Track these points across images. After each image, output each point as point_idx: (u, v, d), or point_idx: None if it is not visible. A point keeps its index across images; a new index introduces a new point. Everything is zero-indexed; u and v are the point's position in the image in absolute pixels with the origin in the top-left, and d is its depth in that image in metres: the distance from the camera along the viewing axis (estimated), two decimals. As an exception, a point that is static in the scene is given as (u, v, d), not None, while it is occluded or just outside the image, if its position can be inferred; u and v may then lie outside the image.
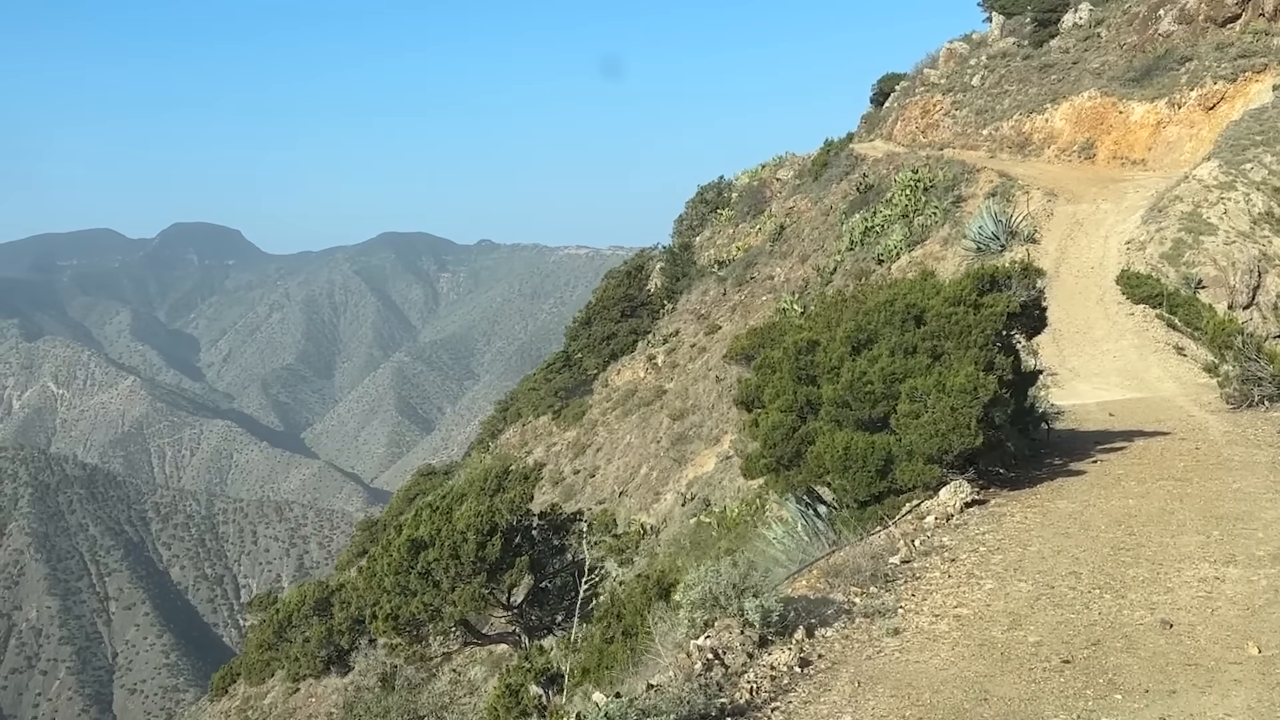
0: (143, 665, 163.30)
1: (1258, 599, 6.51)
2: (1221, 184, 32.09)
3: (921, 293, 11.13)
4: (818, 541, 10.46)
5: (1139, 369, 22.47)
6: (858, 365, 10.57)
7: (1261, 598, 6.51)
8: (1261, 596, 6.52)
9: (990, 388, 9.82)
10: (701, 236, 69.47)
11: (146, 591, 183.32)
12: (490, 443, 63.14)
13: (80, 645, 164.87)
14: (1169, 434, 13.93)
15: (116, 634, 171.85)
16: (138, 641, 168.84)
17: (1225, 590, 6.73)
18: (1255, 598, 6.55)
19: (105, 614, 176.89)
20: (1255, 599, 6.52)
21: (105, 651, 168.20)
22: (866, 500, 10.21)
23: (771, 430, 10.75)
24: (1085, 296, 28.99)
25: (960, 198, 41.28)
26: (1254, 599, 6.51)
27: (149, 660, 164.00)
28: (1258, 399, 16.00)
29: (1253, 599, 6.51)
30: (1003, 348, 11.62)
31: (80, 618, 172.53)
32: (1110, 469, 11.44)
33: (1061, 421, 16.69)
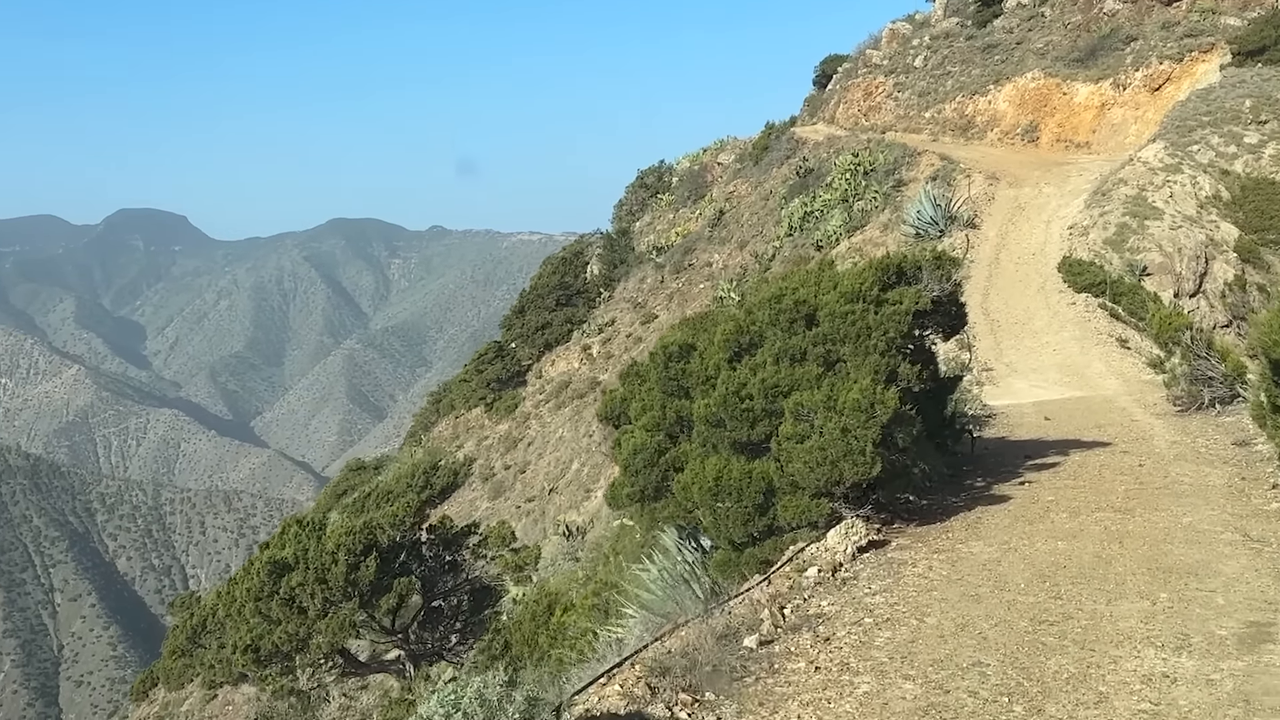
0: (89, 657, 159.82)
1: (1222, 716, 4.71)
2: (1167, 166, 30.70)
3: (816, 286, 9.27)
4: (690, 592, 8.59)
5: (1080, 364, 20.87)
6: (736, 376, 8.70)
7: (1228, 714, 4.71)
8: (1228, 712, 4.72)
9: (890, 404, 7.99)
10: (641, 222, 67.61)
11: (93, 583, 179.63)
12: (422, 436, 60.90)
13: (25, 638, 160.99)
14: (1109, 445, 12.22)
15: (62, 626, 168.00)
16: (84, 633, 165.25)
17: (1178, 699, 4.92)
18: (1219, 713, 4.74)
19: (51, 606, 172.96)
20: (1219, 716, 4.71)
21: (51, 644, 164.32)
22: (743, 541, 8.35)
23: (633, 454, 8.87)
24: (1026, 285, 27.44)
25: (901, 181, 39.83)
26: (1218, 716, 4.71)
27: (95, 652, 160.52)
28: (1207, 401, 14.38)
29: (1216, 716, 4.71)
30: (914, 352, 9.81)
31: (25, 610, 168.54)
32: (1039, 494, 9.68)
33: (993, 427, 14.98)
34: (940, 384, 10.95)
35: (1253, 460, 10.49)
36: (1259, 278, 27.92)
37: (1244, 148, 31.90)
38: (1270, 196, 30.19)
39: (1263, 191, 30.31)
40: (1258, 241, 29.01)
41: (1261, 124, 32.35)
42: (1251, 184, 30.56)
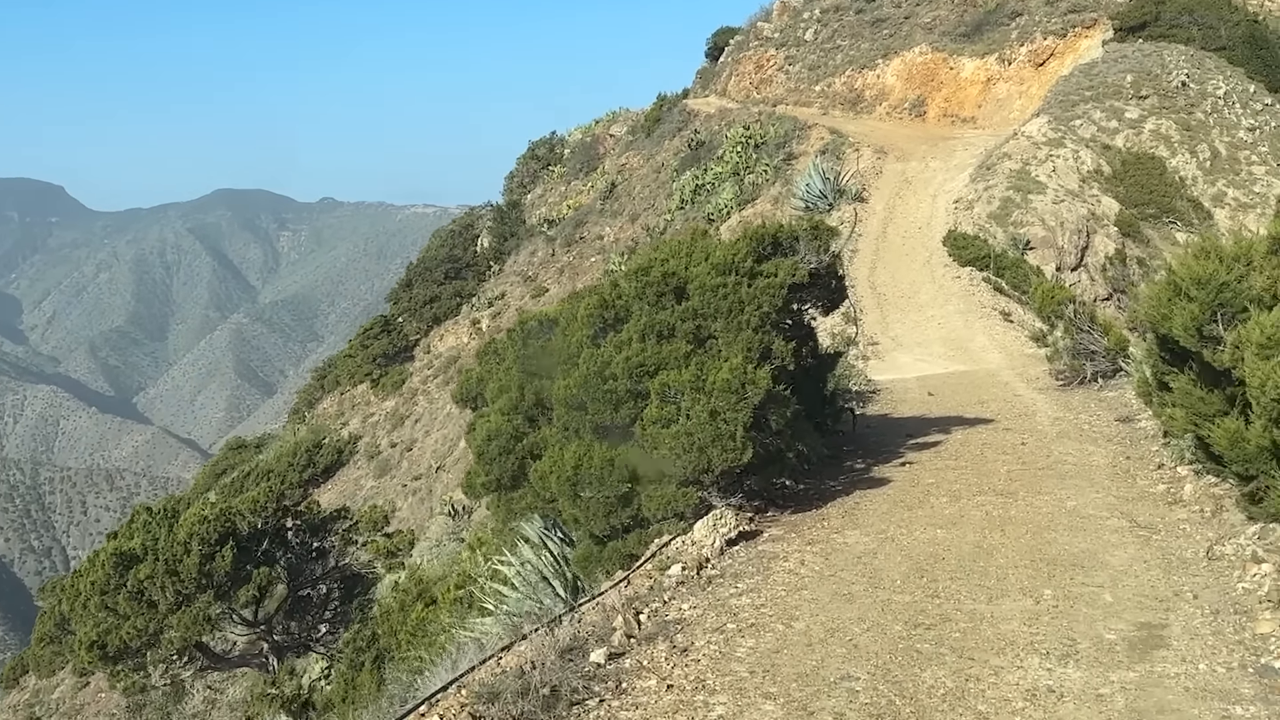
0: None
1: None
2: (1051, 141, 30.91)
3: (687, 258, 8.60)
4: (551, 590, 7.90)
5: (964, 337, 20.73)
6: (599, 354, 7.99)
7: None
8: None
9: (763, 384, 7.37)
10: (532, 194, 66.47)
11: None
12: (306, 413, 59.01)
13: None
14: (991, 422, 11.88)
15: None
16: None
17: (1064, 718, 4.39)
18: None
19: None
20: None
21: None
22: (606, 535, 7.67)
23: (487, 440, 8.11)
24: (912, 258, 27.35)
25: (792, 155, 39.62)
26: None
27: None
28: (1089, 375, 14.20)
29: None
30: (791, 327, 9.24)
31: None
32: (920, 476, 9.21)
33: (876, 403, 14.60)
34: (820, 361, 10.42)
35: (1136, 438, 10.20)
36: (1138, 251, 28.30)
37: (1125, 122, 32.32)
38: (1150, 171, 30.64)
39: (1143, 166, 30.75)
40: (1137, 216, 29.42)
41: (1142, 99, 32.82)
42: (1132, 158, 30.97)
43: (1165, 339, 7.68)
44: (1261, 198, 31.54)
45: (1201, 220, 30.82)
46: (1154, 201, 30.21)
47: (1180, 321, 6.62)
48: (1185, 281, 6.72)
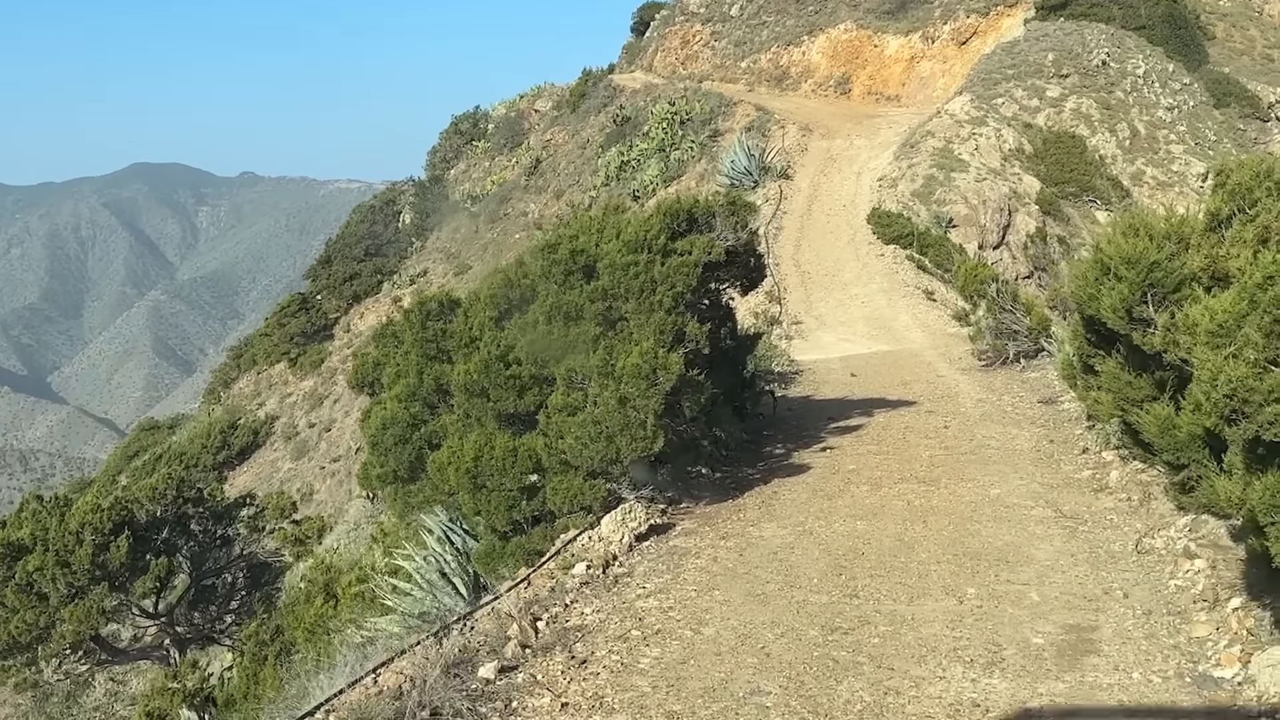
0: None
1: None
2: (973, 119, 30.91)
3: (597, 234, 8.11)
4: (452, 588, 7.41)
5: (887, 316, 20.55)
6: (503, 337, 7.48)
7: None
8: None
9: (675, 369, 6.94)
10: (456, 170, 65.29)
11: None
12: (222, 393, 57.42)
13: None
14: (914, 405, 11.61)
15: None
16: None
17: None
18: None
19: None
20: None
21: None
22: (509, 530, 7.19)
23: (382, 429, 7.56)
24: (837, 236, 27.14)
25: (717, 131, 39.27)
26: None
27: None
28: (1012, 355, 14.02)
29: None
30: (708, 308, 8.82)
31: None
32: (841, 462, 8.87)
33: (798, 384, 14.28)
34: (739, 343, 10.02)
35: (1060, 420, 9.98)
36: (1059, 230, 28.44)
37: (1046, 101, 32.46)
38: (1070, 149, 30.81)
39: (1063, 144, 30.91)
40: (1058, 194, 29.56)
41: (1063, 78, 32.98)
42: (1053, 137, 31.11)
43: (1092, 320, 7.39)
44: (1179, 176, 31.93)
45: (1120, 199, 31.08)
46: (1074, 180, 30.39)
47: (1109, 302, 6.31)
48: (1114, 260, 6.40)
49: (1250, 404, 3.61)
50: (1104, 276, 6.66)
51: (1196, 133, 34.02)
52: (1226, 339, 3.64)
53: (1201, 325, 3.79)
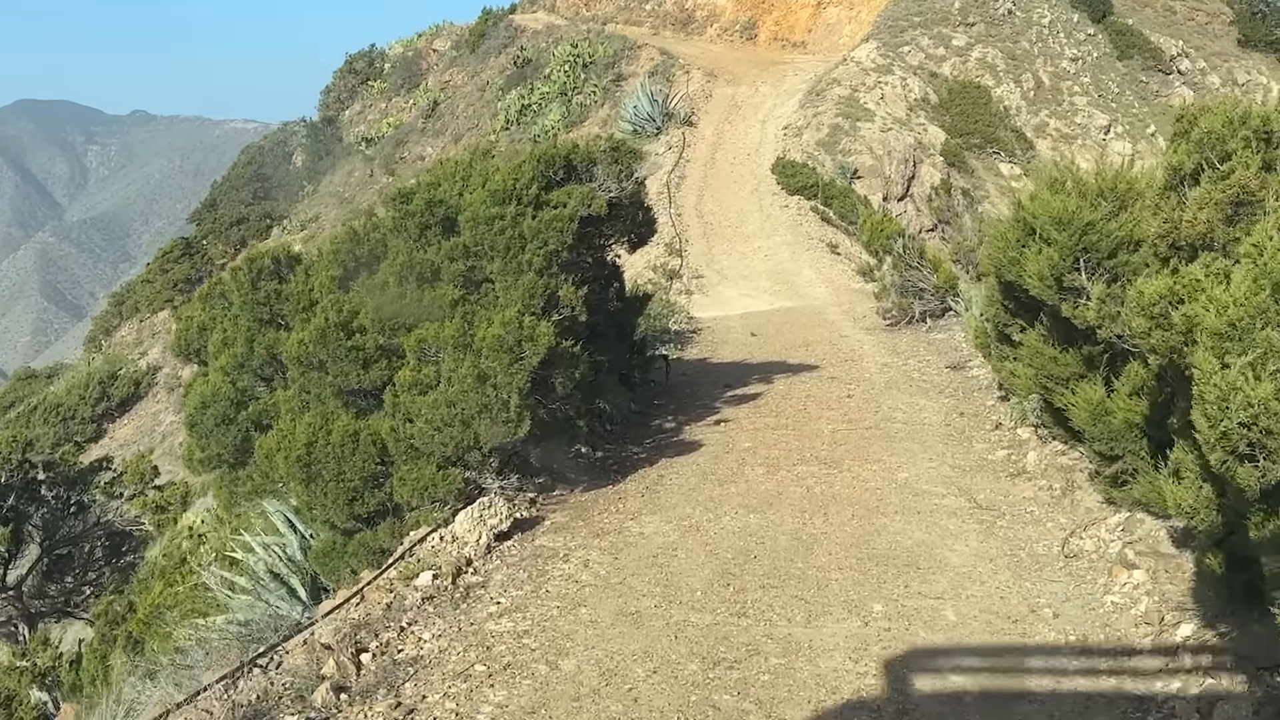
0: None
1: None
2: (879, 67, 30.26)
3: (461, 182, 7.07)
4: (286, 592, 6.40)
5: (790, 270, 19.82)
6: (346, 300, 6.43)
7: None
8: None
9: (543, 341, 5.98)
10: (350, 111, 62.81)
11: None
12: (102, 341, 54.70)
13: None
14: (816, 369, 10.85)
15: None
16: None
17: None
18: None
19: None
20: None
21: None
22: (351, 526, 6.19)
23: (201, 408, 6.47)
24: (740, 186, 26.30)
25: (621, 76, 38.07)
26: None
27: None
28: (918, 314, 13.36)
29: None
30: (592, 266, 7.87)
31: None
32: (736, 438, 8.04)
33: (696, 345, 13.44)
34: (627, 305, 9.10)
35: (970, 389, 9.29)
36: (963, 182, 28.04)
37: (952, 50, 31.96)
38: (975, 100, 30.39)
39: (968, 95, 30.47)
40: (963, 145, 29.14)
41: (969, 26, 32.50)
42: (958, 87, 30.65)
43: (1011, 286, 6.63)
44: (1082, 129, 31.80)
45: (1024, 151, 30.85)
46: (979, 131, 30.00)
47: (1034, 269, 5.52)
48: (1040, 220, 5.61)
49: (1277, 437, 2.74)
50: (1028, 239, 5.87)
51: (1100, 84, 33.92)
52: (1240, 343, 2.82)
53: (1204, 324, 2.97)
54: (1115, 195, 5.55)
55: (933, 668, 4.19)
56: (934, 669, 4.18)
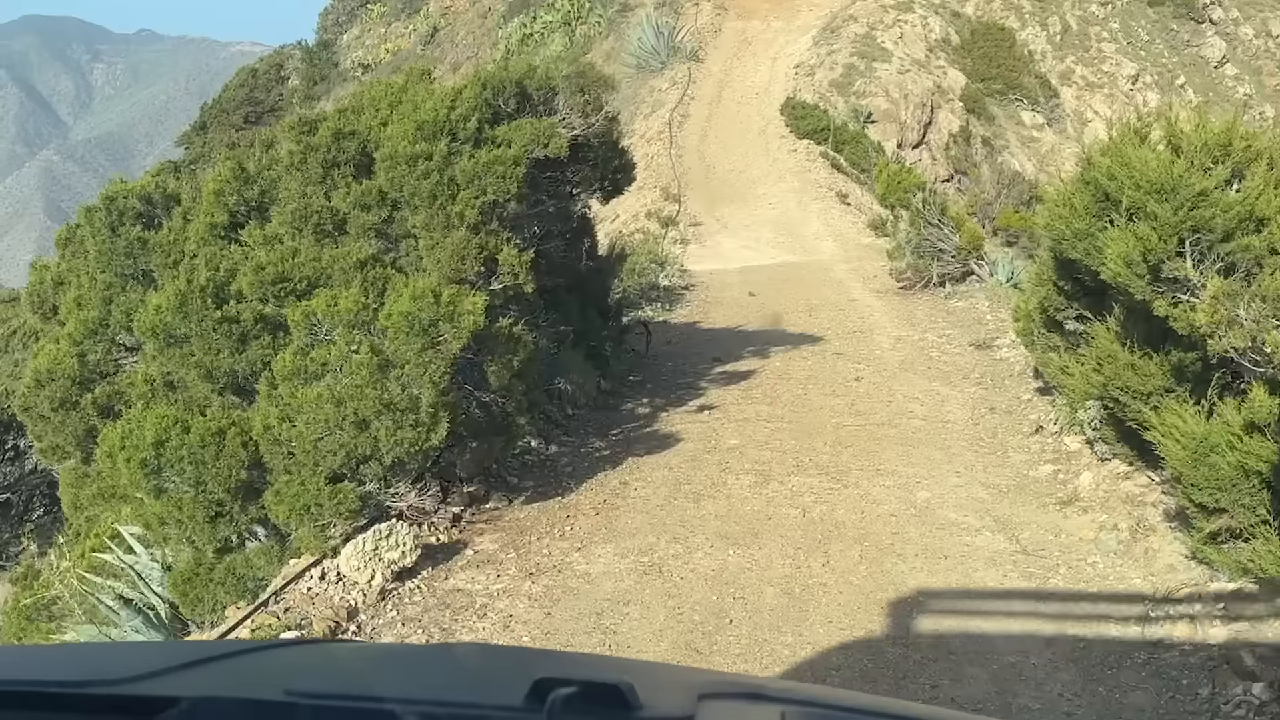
0: None
1: None
2: (899, 4, 28.43)
3: (387, 111, 5.62)
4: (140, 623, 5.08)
5: (796, 221, 18.33)
6: (223, 256, 5.01)
7: None
8: None
9: (467, 322, 4.60)
10: (349, 35, 60.67)
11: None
12: (87, 269, 53.19)
13: None
14: (821, 341, 9.45)
15: None
16: None
17: None
18: None
19: None
20: None
21: None
22: (217, 547, 4.84)
23: (36, 386, 5.10)
24: (747, 127, 24.65)
25: (628, 6, 36.16)
26: None
27: None
28: (936, 278, 11.92)
29: None
30: (553, 218, 6.44)
31: None
32: (720, 433, 6.67)
33: (687, 305, 12.04)
34: (599, 264, 7.68)
35: (1000, 375, 7.91)
36: (983, 130, 26.41)
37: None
38: (999, 43, 28.60)
39: (992, 37, 28.67)
40: (984, 91, 27.45)
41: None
42: (982, 28, 28.85)
43: (1070, 265, 5.22)
44: (1109, 78, 30.03)
45: (1048, 99, 29.17)
46: (1001, 76, 28.28)
47: (1119, 250, 4.11)
48: (1127, 186, 4.18)
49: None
50: (1105, 209, 4.44)
51: (1129, 31, 32.07)
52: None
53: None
54: (1228, 156, 4.12)
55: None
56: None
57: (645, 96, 28.18)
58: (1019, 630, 4.04)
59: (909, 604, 4.25)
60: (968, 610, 4.33)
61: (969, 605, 4.31)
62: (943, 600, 4.29)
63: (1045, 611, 4.15)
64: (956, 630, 4.06)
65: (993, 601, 4.31)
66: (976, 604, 4.35)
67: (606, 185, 6.92)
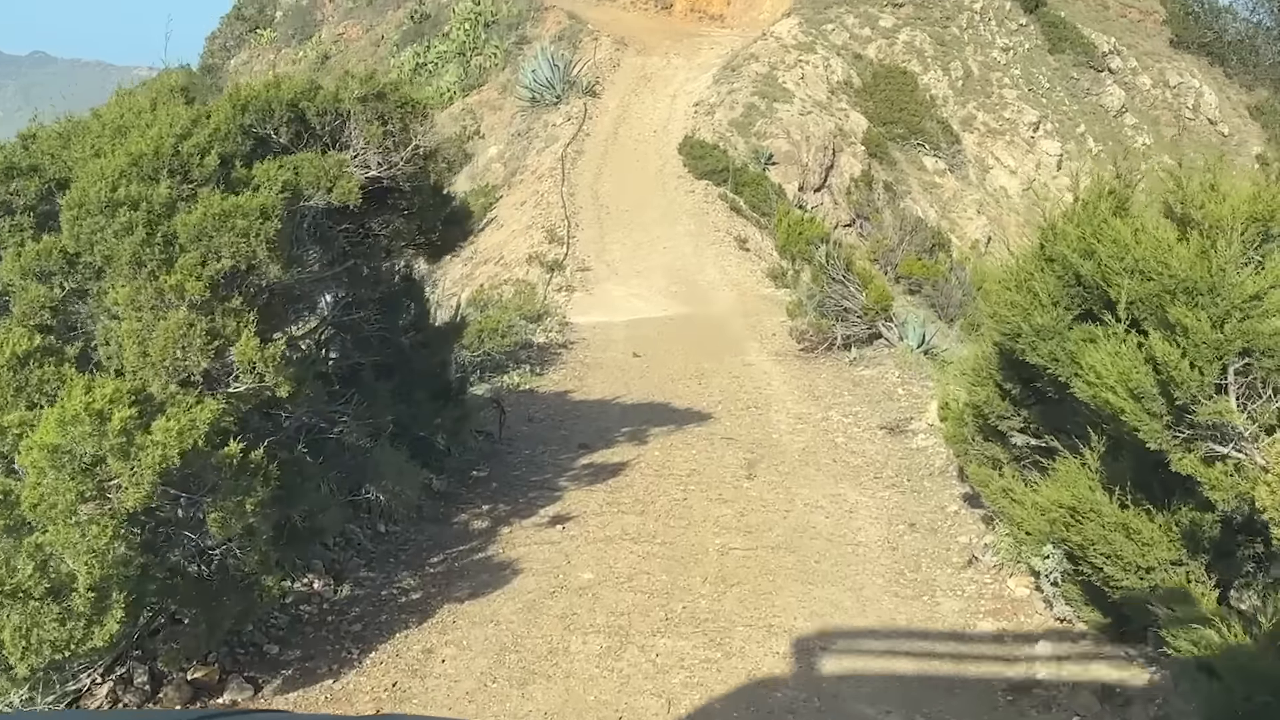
0: None
1: None
2: (801, 45, 27.61)
3: (112, 139, 4.03)
4: None
5: (692, 268, 17.04)
6: None
7: None
8: None
9: (150, 462, 3.01)
10: (237, 60, 58.31)
11: None
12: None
13: None
14: (709, 420, 8.05)
15: None
16: None
17: None
18: None
19: None
20: None
21: None
22: None
23: None
24: (644, 166, 23.41)
25: (525, 38, 34.95)
26: None
27: None
28: (840, 340, 10.66)
29: None
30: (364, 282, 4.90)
31: None
32: (574, 561, 5.18)
33: (563, 365, 10.55)
34: (431, 336, 6.15)
35: (917, 471, 6.58)
36: (885, 174, 25.60)
37: (878, 31, 29.45)
38: (901, 87, 27.92)
39: (894, 81, 27.99)
40: (886, 135, 26.68)
41: (898, 7, 30.02)
42: (884, 71, 28.16)
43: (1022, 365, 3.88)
44: (1011, 124, 29.57)
45: (950, 144, 28.59)
46: (903, 120, 27.59)
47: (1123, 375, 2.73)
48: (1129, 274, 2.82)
49: None
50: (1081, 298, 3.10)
51: (1030, 78, 31.76)
52: None
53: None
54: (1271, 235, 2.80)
55: None
56: None
57: (539, 131, 26.87)
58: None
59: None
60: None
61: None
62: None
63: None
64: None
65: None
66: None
67: (432, 239, 5.40)
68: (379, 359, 5.57)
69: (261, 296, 3.93)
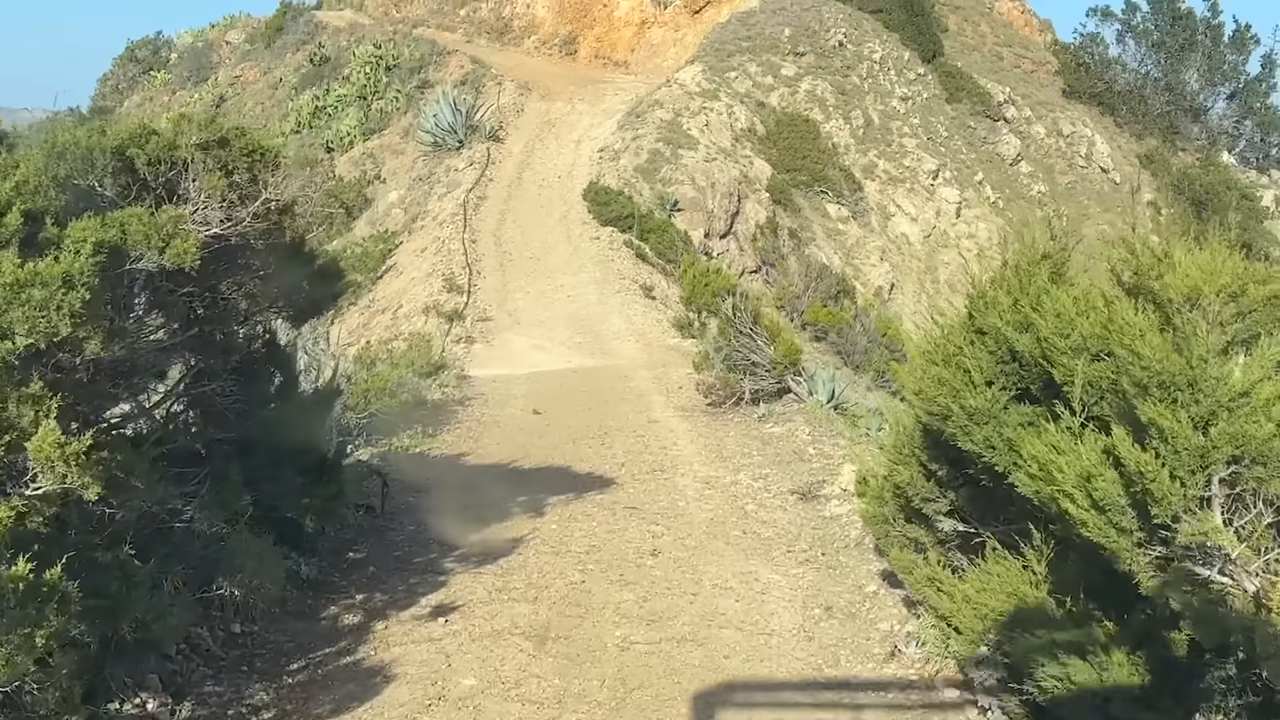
0: None
1: None
2: (705, 92, 27.56)
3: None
4: None
5: (597, 317, 16.59)
6: None
7: None
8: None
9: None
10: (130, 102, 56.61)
11: None
12: None
13: None
14: (612, 486, 7.55)
15: None
16: None
17: None
18: None
19: None
20: None
21: None
22: None
23: None
24: (548, 212, 22.96)
25: (427, 82, 34.57)
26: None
27: None
28: (748, 396, 10.27)
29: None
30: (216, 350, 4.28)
31: None
32: (455, 663, 4.62)
33: (457, 426, 9.97)
34: (299, 406, 5.54)
35: (833, 546, 6.15)
36: (790, 221, 25.55)
37: (781, 80, 29.60)
38: (804, 134, 28.03)
39: (796, 128, 28.08)
40: (789, 182, 26.69)
41: (799, 55, 30.26)
42: (787, 119, 28.25)
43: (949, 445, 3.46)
44: (911, 172, 29.89)
45: (852, 192, 28.76)
46: (806, 168, 27.65)
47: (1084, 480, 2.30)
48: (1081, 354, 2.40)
49: None
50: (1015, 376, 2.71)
51: (929, 127, 32.23)
52: None
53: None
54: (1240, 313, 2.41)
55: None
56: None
57: (441, 176, 26.34)
58: None
59: None
60: None
61: None
62: None
63: None
64: None
65: None
66: None
67: (296, 301, 4.82)
68: (237, 434, 4.96)
69: (78, 373, 3.33)
